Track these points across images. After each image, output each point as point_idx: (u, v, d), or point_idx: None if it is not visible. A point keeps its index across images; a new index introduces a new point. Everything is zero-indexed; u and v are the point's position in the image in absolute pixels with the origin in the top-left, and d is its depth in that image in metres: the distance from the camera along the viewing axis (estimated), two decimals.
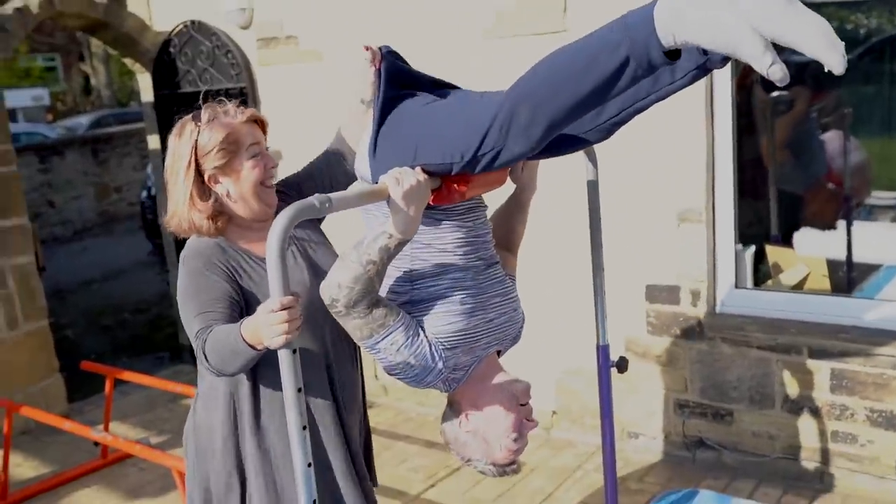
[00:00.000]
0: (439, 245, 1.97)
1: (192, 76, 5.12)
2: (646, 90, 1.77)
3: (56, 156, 12.08)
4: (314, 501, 1.75)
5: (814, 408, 3.46)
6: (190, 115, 2.12)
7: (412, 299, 1.96)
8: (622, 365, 2.65)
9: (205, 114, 2.09)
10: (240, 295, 2.09)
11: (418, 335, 1.90)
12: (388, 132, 1.92)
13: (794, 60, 4.18)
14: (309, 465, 1.74)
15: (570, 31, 3.62)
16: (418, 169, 1.83)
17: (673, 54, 1.49)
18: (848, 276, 4.14)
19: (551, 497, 3.64)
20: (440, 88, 2.02)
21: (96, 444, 4.22)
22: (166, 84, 5.26)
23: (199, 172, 2.07)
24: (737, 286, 3.66)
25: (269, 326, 1.66)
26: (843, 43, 1.32)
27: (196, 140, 2.06)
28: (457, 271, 1.97)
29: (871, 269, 4.04)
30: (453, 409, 2.04)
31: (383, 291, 1.97)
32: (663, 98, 1.79)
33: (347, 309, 1.86)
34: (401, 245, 1.85)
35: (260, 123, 2.17)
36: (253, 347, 1.84)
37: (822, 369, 3.41)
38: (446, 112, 1.87)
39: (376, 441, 2.66)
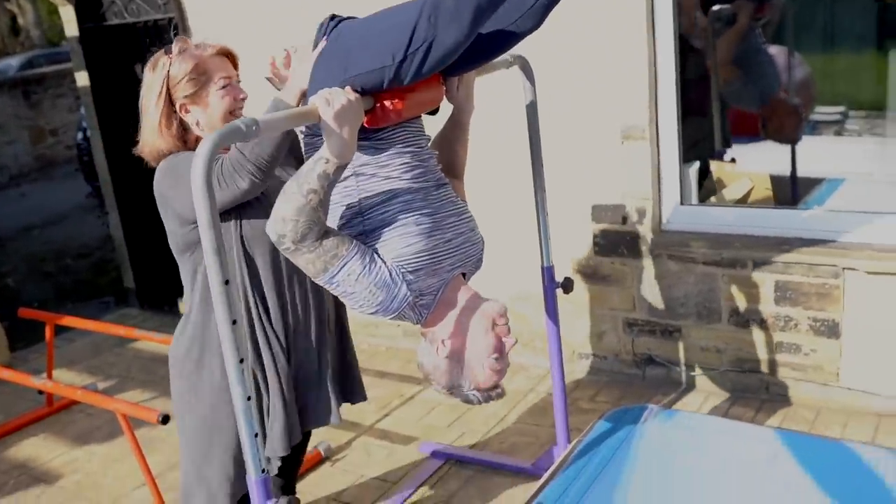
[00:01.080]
0: (384, 173, 1.93)
1: (117, 7, 4.90)
2: None
3: None
4: (256, 435, 1.72)
5: (759, 320, 3.51)
6: (162, 50, 2.24)
7: (365, 230, 1.91)
8: (567, 285, 2.65)
9: (175, 46, 2.22)
10: None
11: (375, 262, 1.85)
12: (324, 54, 1.90)
13: None
14: (248, 398, 1.70)
15: None
16: (348, 88, 1.78)
17: None
18: (792, 190, 4.17)
19: (504, 420, 3.66)
20: None
21: (41, 392, 4.13)
22: (91, 17, 5.03)
23: (170, 102, 2.19)
24: (682, 203, 3.66)
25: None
26: None
27: (168, 71, 2.19)
28: (405, 194, 1.92)
29: (813, 182, 4.07)
30: (428, 339, 2.00)
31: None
32: None
33: (296, 244, 1.80)
34: (339, 170, 1.80)
35: (231, 58, 2.29)
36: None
37: (766, 282, 3.44)
38: (376, 20, 1.85)
39: None
